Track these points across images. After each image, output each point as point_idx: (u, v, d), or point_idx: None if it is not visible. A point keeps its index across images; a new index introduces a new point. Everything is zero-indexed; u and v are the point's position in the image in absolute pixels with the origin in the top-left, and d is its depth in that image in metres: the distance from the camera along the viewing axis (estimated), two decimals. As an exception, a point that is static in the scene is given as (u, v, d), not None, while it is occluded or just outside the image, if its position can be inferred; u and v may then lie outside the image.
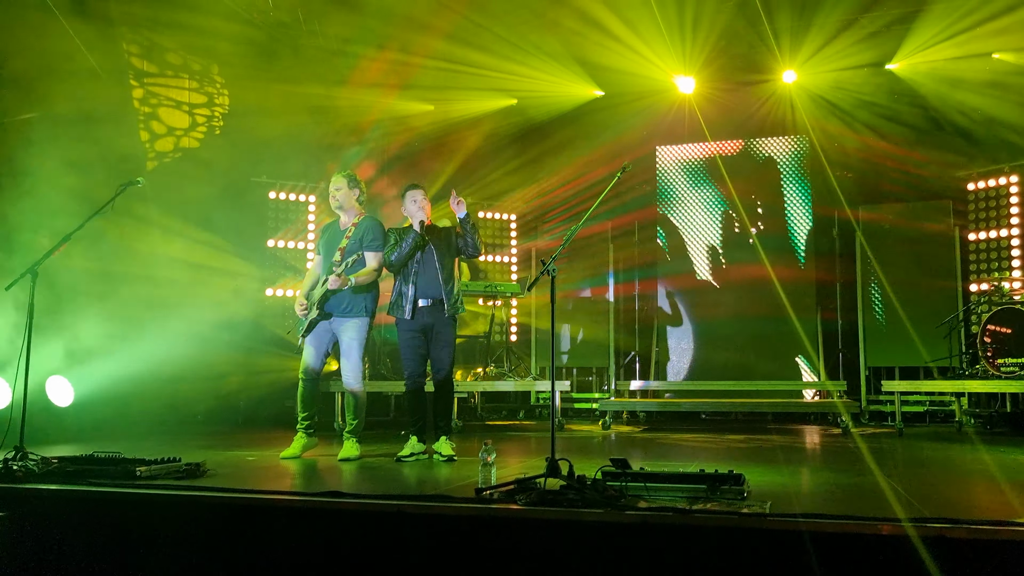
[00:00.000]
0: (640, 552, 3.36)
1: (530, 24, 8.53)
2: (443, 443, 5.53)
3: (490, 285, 8.95)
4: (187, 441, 6.93)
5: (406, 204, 5.66)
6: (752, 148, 9.61)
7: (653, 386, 9.31)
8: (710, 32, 8.55)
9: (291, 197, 9.61)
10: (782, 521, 3.28)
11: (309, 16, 8.91)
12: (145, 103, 8.63)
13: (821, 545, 3.18)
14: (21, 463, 4.58)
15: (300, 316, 5.70)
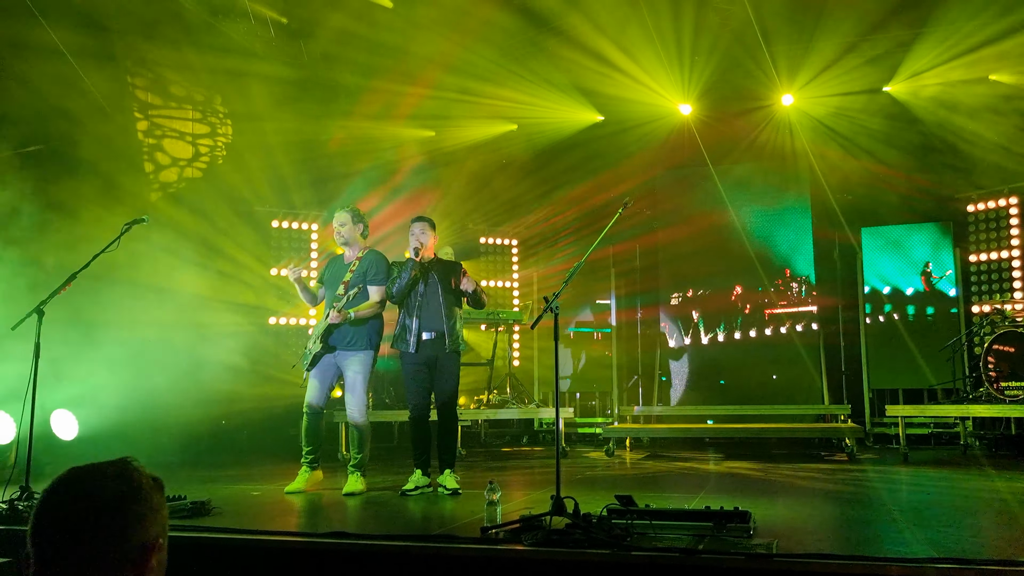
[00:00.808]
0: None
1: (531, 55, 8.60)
2: (448, 476, 5.53)
3: (492, 312, 8.97)
4: (191, 473, 6.93)
5: (409, 235, 5.71)
6: (752, 172, 9.66)
7: (656, 411, 9.31)
8: (709, 59, 8.63)
9: (294, 225, 9.65)
10: (789, 561, 3.27)
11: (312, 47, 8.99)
12: (149, 135, 8.71)
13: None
14: (26, 503, 4.58)
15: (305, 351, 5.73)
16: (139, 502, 1.51)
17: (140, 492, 1.53)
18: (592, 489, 5.60)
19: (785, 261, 9.39)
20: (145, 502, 1.52)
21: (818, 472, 6.81)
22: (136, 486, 1.54)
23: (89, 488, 1.48)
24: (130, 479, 1.53)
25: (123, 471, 1.55)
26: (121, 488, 1.51)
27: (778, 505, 4.82)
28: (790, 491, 5.67)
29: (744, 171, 9.70)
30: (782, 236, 9.45)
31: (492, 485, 4.08)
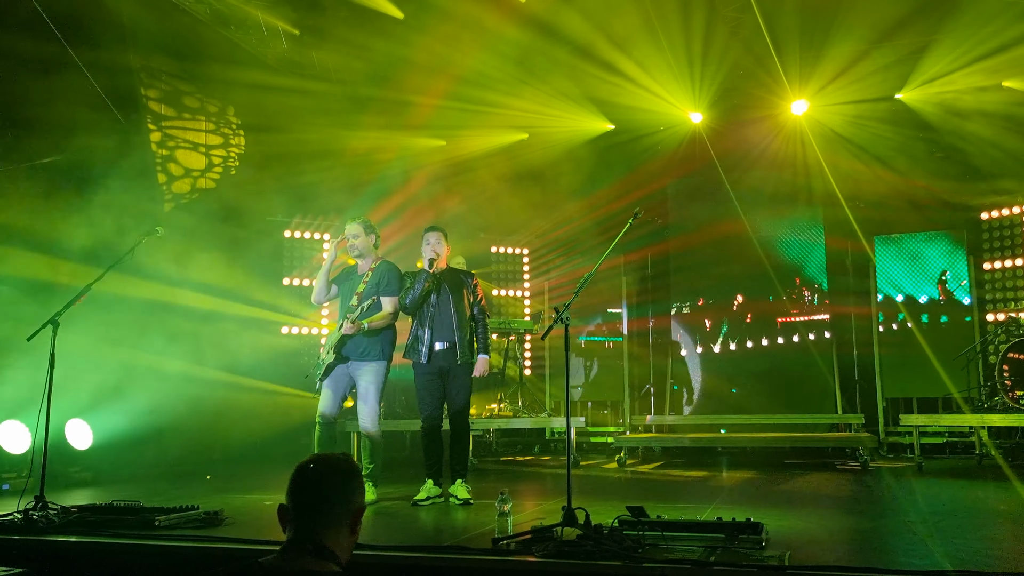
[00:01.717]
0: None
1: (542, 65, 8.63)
2: (459, 487, 5.53)
3: (504, 322, 8.98)
4: (204, 483, 6.96)
5: (423, 245, 5.73)
6: (764, 181, 9.62)
7: (668, 420, 9.27)
8: (719, 68, 8.62)
9: (306, 235, 9.70)
10: (801, 574, 3.25)
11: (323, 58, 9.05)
12: (163, 146, 8.78)
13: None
14: (41, 513, 4.62)
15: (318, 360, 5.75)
16: (358, 478, 2.14)
17: (358, 472, 2.17)
18: (604, 499, 5.57)
19: (797, 270, 9.35)
20: (360, 479, 2.15)
21: (831, 482, 6.77)
22: (356, 468, 2.17)
23: (334, 464, 2.10)
24: (352, 463, 2.17)
25: (348, 457, 2.20)
26: (351, 467, 2.14)
27: (791, 516, 4.79)
28: (803, 501, 5.64)
29: (756, 179, 9.66)
30: (794, 245, 9.42)
31: (503, 496, 4.07)
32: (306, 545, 1.97)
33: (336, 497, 2.04)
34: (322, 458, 2.13)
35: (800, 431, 8.75)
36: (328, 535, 1.99)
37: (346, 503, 2.04)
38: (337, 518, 2.02)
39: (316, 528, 2.00)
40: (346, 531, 2.04)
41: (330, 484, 2.06)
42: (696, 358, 9.66)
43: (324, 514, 2.01)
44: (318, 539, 1.98)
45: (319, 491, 2.03)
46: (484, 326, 5.74)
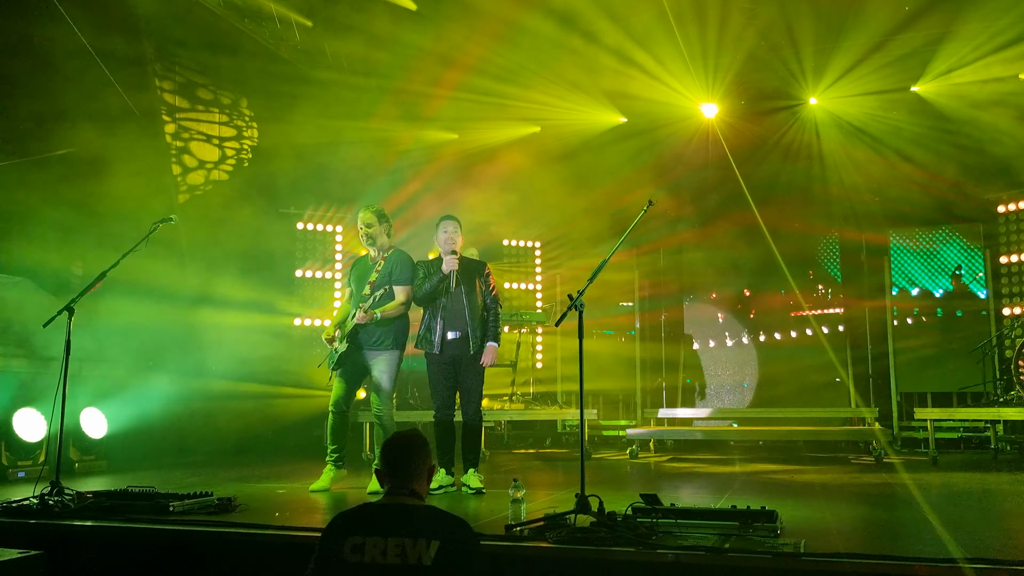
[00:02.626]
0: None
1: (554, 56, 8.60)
2: (471, 476, 5.53)
3: (516, 314, 8.97)
4: (217, 472, 6.99)
5: (438, 234, 5.71)
6: (777, 173, 9.56)
7: (680, 414, 9.24)
8: (733, 58, 8.57)
9: (319, 228, 9.73)
10: (816, 561, 3.24)
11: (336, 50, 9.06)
12: (177, 138, 8.82)
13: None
14: (57, 498, 4.64)
15: (331, 349, 5.75)
16: (427, 446, 2.95)
17: (427, 442, 2.97)
18: (616, 489, 5.56)
19: (811, 263, 9.29)
20: (429, 449, 2.96)
21: (845, 475, 6.73)
22: (425, 440, 2.98)
23: (412, 438, 2.95)
24: (422, 436, 2.98)
25: (419, 432, 3.03)
26: (423, 439, 2.96)
27: (805, 506, 4.77)
28: (817, 493, 5.61)
29: (769, 172, 9.60)
30: (808, 238, 9.35)
31: (516, 483, 4.07)
32: (404, 491, 2.80)
33: (418, 459, 2.87)
34: (403, 435, 2.99)
35: (813, 426, 8.70)
36: (416, 483, 2.84)
37: (424, 463, 2.88)
38: (420, 473, 2.86)
39: (408, 480, 2.82)
40: (424, 481, 2.89)
41: (413, 451, 2.89)
42: (708, 351, 9.62)
43: (412, 471, 2.84)
44: (410, 486, 2.81)
45: (407, 456, 2.86)
46: (496, 315, 5.72)
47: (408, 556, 2.58)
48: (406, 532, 2.63)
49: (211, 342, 8.87)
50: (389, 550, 2.59)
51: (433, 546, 2.59)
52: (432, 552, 2.58)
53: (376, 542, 2.61)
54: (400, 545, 2.59)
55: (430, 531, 2.64)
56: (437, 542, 2.61)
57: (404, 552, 2.58)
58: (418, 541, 2.60)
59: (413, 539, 2.61)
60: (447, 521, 2.76)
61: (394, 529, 2.65)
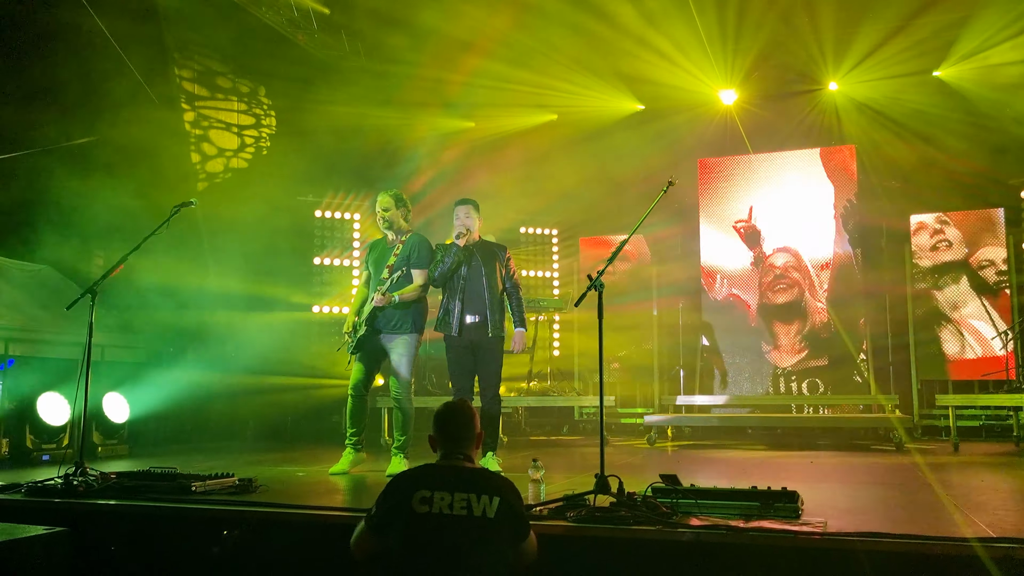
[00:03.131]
0: (693, 570, 3.33)
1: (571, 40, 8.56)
2: (490, 459, 5.55)
3: (533, 300, 8.96)
4: (238, 457, 7.05)
5: (454, 219, 5.72)
6: (797, 159, 9.48)
7: (698, 400, 9.20)
8: (753, 43, 8.51)
9: (336, 215, 9.76)
10: (839, 540, 3.22)
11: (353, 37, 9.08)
12: (196, 125, 8.87)
13: (879, 564, 3.13)
14: (82, 479, 4.70)
15: (346, 333, 5.78)
16: (475, 414, 3.20)
17: (475, 411, 3.24)
18: (635, 473, 5.56)
19: (831, 248, 9.20)
20: (476, 416, 3.22)
21: (865, 460, 6.69)
22: (472, 409, 3.24)
23: (461, 408, 3.20)
24: (469, 406, 3.24)
25: (467, 403, 3.27)
26: (470, 409, 3.22)
27: (825, 490, 4.75)
28: (837, 477, 5.58)
29: (788, 156, 9.52)
30: (827, 223, 9.26)
31: (536, 463, 4.08)
32: (458, 455, 3.07)
33: (470, 426, 3.14)
34: (453, 404, 3.23)
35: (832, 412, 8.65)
36: (468, 448, 3.12)
37: (473, 430, 3.15)
38: (471, 439, 3.14)
39: (461, 445, 3.10)
40: (475, 447, 3.17)
41: (464, 419, 3.15)
42: (727, 337, 9.56)
43: (464, 437, 3.11)
44: (463, 451, 3.09)
45: (460, 424, 3.14)
46: (518, 299, 5.72)
47: (474, 509, 2.84)
48: (470, 488, 2.89)
49: (230, 329, 8.94)
50: (456, 503, 2.84)
51: (495, 501, 2.87)
52: (495, 507, 2.86)
53: (443, 495, 2.85)
54: (466, 499, 2.85)
55: (491, 488, 2.92)
56: (498, 498, 2.88)
57: (470, 505, 2.84)
58: (481, 497, 2.86)
59: (477, 495, 2.87)
60: (502, 481, 3.05)
61: (458, 485, 2.90)
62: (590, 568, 3.48)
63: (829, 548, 3.21)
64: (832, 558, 3.20)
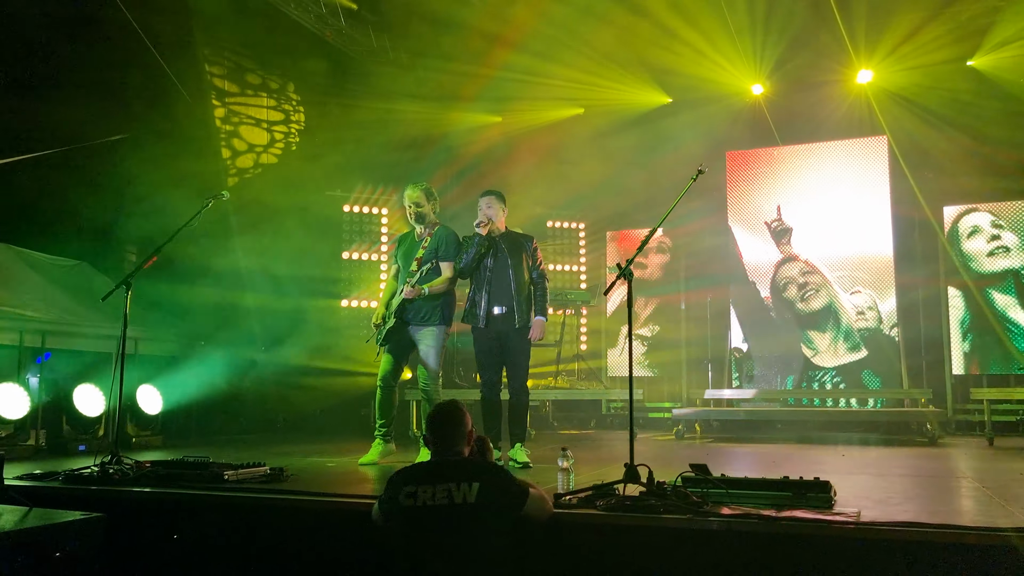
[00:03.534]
0: (724, 559, 3.31)
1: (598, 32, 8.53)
2: (518, 450, 5.55)
3: (560, 294, 8.95)
4: (268, 449, 7.13)
5: (478, 211, 5.73)
6: (827, 151, 9.37)
7: (727, 394, 9.14)
8: (782, 33, 8.40)
9: (364, 210, 9.82)
10: (873, 530, 3.18)
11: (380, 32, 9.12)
12: (227, 122, 8.97)
13: (914, 554, 3.09)
14: (117, 467, 4.79)
15: (379, 326, 5.81)
16: (466, 413, 3.39)
17: (467, 412, 3.42)
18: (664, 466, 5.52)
19: (862, 241, 9.08)
20: (469, 417, 3.39)
21: (898, 454, 6.60)
22: (462, 409, 3.40)
23: (450, 410, 3.37)
24: (459, 407, 3.40)
25: (457, 404, 3.42)
26: (462, 408, 3.39)
27: (858, 481, 4.69)
28: (869, 469, 5.51)
29: (818, 148, 9.41)
30: (859, 215, 9.13)
31: (565, 452, 4.07)
32: (449, 453, 3.28)
33: (459, 427, 3.32)
34: (444, 406, 3.42)
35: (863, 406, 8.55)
36: (459, 446, 3.30)
37: (463, 429, 3.33)
38: (461, 437, 3.32)
39: (452, 444, 3.29)
40: (466, 444, 3.34)
41: (454, 420, 3.33)
42: (755, 331, 9.48)
43: (455, 436, 3.30)
44: (454, 449, 3.29)
45: (449, 425, 3.32)
46: (543, 289, 5.71)
47: (455, 497, 3.02)
48: (450, 478, 3.08)
49: (260, 323, 9.03)
50: (438, 494, 3.04)
51: (475, 487, 3.05)
52: (475, 491, 3.04)
53: (426, 489, 3.06)
54: (447, 489, 3.04)
55: (470, 475, 3.10)
56: (477, 483, 3.06)
57: (451, 494, 3.03)
58: (461, 485, 3.05)
59: (457, 483, 3.05)
60: (484, 466, 3.29)
61: (441, 478, 3.10)
62: (619, 557, 3.47)
63: (863, 538, 3.17)
64: (866, 548, 3.16)
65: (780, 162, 9.51)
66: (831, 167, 9.28)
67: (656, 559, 3.41)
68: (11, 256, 7.66)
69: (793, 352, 9.24)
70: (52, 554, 3.41)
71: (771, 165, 9.57)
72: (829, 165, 9.30)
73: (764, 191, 9.55)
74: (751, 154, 9.70)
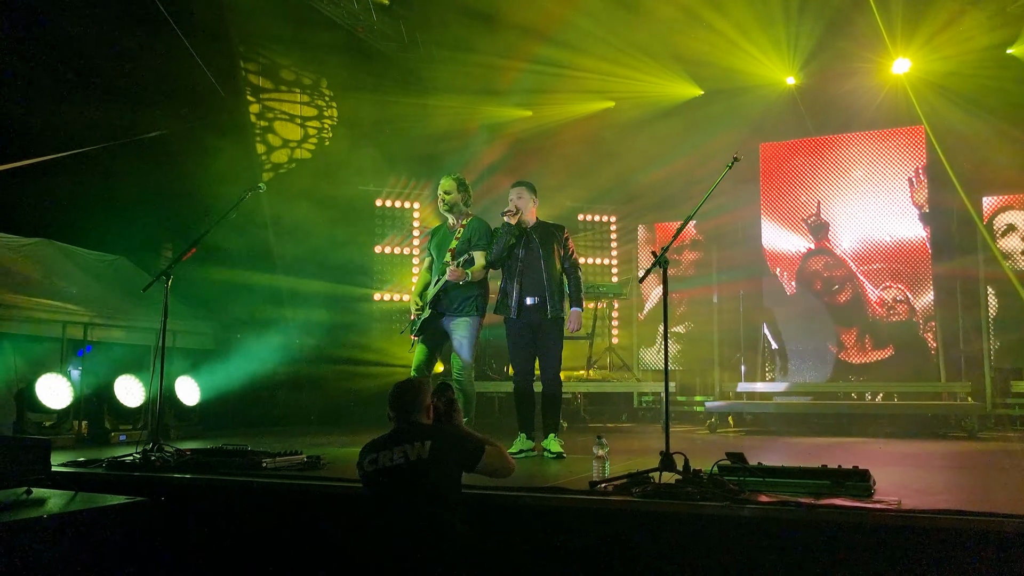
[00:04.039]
0: (761, 546, 3.29)
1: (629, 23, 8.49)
2: (552, 440, 5.55)
3: (592, 286, 8.94)
4: (302, 439, 7.20)
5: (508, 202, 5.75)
6: (863, 141, 9.24)
7: (759, 388, 9.06)
8: (817, 21, 8.29)
9: (396, 204, 9.89)
10: (914, 517, 3.15)
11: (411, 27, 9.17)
12: (262, 117, 9.08)
13: (955, 542, 3.05)
14: (158, 454, 4.88)
15: (413, 317, 5.86)
16: (425, 388, 3.64)
17: (425, 384, 3.70)
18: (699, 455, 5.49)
19: (898, 231, 8.95)
20: (426, 389, 3.66)
21: (937, 447, 6.50)
22: (421, 382, 3.71)
23: (411, 382, 3.71)
24: (419, 381, 3.75)
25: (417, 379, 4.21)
26: (421, 382, 3.69)
27: (897, 472, 4.64)
28: (908, 461, 5.44)
29: (853, 138, 9.28)
30: (894, 205, 9.00)
31: (600, 440, 4.08)
32: (404, 423, 3.52)
33: (415, 399, 3.56)
34: (401, 383, 3.67)
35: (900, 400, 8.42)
36: (414, 416, 3.54)
37: (420, 401, 3.56)
38: (417, 408, 3.55)
39: (408, 414, 3.54)
40: (423, 414, 3.57)
41: (411, 393, 3.59)
42: (789, 324, 9.38)
43: (411, 407, 3.54)
44: (409, 419, 3.53)
45: (406, 397, 3.57)
46: (577, 279, 5.71)
47: (410, 455, 3.34)
48: (405, 441, 3.40)
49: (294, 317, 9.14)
50: (395, 456, 3.36)
51: (427, 444, 3.37)
52: (427, 448, 3.36)
53: (385, 453, 3.39)
54: (403, 450, 3.36)
55: (424, 435, 3.42)
56: (430, 441, 3.38)
57: (406, 454, 3.35)
58: (415, 444, 3.36)
59: (411, 443, 3.38)
60: (439, 427, 3.60)
61: (397, 442, 3.41)
62: (655, 545, 3.46)
63: (904, 525, 3.14)
64: (907, 536, 3.13)
65: (815, 153, 9.40)
66: (867, 157, 9.14)
67: (692, 546, 3.40)
68: (53, 251, 7.84)
69: (826, 346, 9.13)
70: (96, 536, 3.50)
71: (805, 156, 9.46)
72: (865, 155, 9.16)
73: (799, 183, 9.44)
74: (785, 146, 9.59)
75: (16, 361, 6.96)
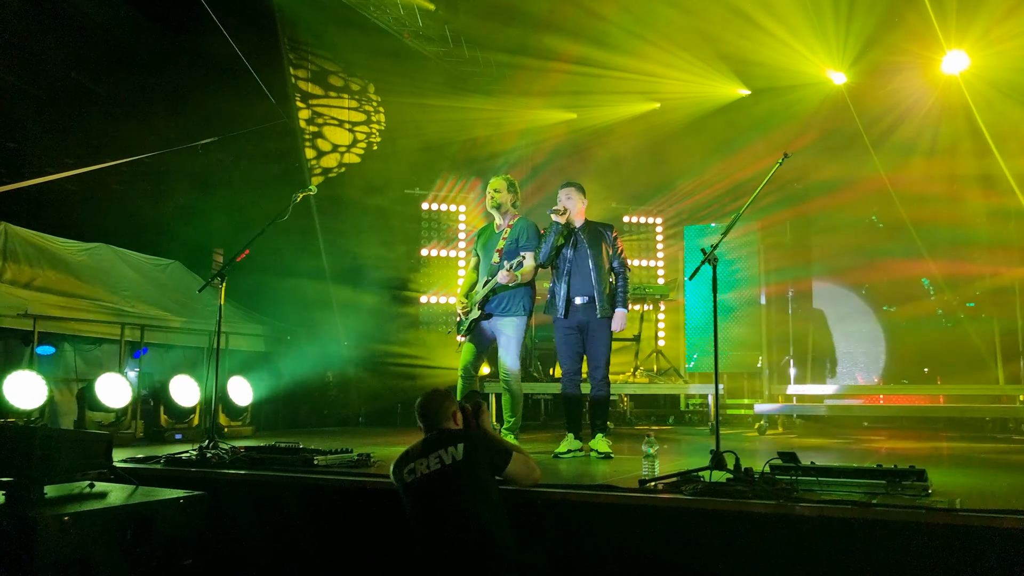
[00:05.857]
0: (814, 546, 3.25)
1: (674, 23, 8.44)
2: (600, 441, 5.54)
3: (639, 288, 8.89)
4: (351, 439, 7.30)
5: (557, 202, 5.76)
6: (916, 139, 9.03)
7: (809, 390, 8.91)
8: (868, 16, 8.13)
9: (443, 207, 9.98)
10: (973, 516, 3.08)
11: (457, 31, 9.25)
12: (311, 123, 9.25)
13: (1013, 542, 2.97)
14: (214, 451, 5.01)
15: (460, 317, 5.90)
16: (450, 398, 3.77)
17: (449, 393, 3.81)
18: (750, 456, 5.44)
19: (952, 232, 8.73)
20: (451, 397, 3.78)
21: (994, 450, 6.33)
22: (445, 393, 3.80)
23: (433, 393, 3.77)
24: (443, 392, 3.79)
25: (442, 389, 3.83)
26: (445, 392, 3.79)
27: (954, 473, 4.53)
28: (964, 462, 5.32)
29: (904, 137, 9.07)
30: (947, 205, 8.78)
31: (649, 438, 4.07)
32: (433, 431, 3.64)
33: (441, 408, 3.70)
34: (424, 396, 3.77)
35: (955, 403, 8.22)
36: (441, 424, 3.66)
37: (446, 409, 3.70)
38: (444, 417, 3.68)
39: (436, 423, 3.67)
40: (451, 421, 3.69)
41: (436, 403, 3.72)
42: (839, 325, 9.22)
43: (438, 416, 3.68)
44: (438, 427, 3.66)
45: (432, 407, 3.71)
46: (624, 279, 5.69)
47: (444, 460, 3.43)
48: (438, 446, 3.49)
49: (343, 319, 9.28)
50: (431, 463, 3.45)
51: (460, 447, 3.46)
52: (460, 450, 3.45)
53: (421, 461, 3.48)
54: (438, 455, 3.45)
55: (455, 439, 3.51)
56: (462, 444, 3.48)
57: (441, 459, 3.44)
58: (448, 448, 3.46)
59: (444, 448, 3.47)
60: (467, 431, 3.70)
61: (430, 449, 3.50)
62: (708, 542, 3.44)
63: (963, 525, 3.07)
64: (966, 536, 3.06)
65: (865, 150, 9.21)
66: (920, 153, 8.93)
67: (744, 545, 3.37)
68: (111, 256, 8.08)
69: (878, 347, 8.95)
70: (155, 528, 3.61)
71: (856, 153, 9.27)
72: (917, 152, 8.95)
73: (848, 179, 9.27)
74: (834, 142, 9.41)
75: (77, 361, 7.19)
